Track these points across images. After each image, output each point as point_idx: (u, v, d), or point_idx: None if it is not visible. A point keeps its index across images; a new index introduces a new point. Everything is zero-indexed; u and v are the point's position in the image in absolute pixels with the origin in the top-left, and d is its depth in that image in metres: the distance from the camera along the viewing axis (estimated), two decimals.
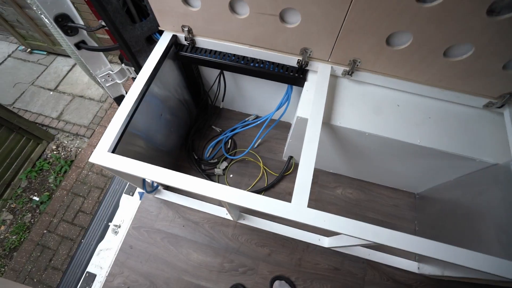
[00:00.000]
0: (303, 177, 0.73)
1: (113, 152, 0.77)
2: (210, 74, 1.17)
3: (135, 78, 1.19)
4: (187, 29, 0.92)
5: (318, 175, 1.25)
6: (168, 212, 1.18)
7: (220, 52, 0.98)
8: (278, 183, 1.23)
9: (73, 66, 2.37)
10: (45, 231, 1.70)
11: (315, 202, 1.20)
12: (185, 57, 1.00)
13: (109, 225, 1.19)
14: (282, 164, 1.25)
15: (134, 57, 1.03)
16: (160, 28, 0.98)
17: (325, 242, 1.10)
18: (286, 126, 1.35)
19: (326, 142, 0.98)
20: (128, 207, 1.21)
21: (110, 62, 1.95)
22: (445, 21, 0.65)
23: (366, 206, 1.20)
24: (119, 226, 1.19)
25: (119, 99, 1.28)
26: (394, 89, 0.91)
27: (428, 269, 1.03)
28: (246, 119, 1.36)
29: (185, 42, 0.99)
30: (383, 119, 0.87)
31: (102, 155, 0.75)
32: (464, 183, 0.94)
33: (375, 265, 1.10)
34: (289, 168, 1.24)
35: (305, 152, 0.75)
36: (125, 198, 1.22)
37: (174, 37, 0.97)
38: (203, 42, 0.96)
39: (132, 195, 1.23)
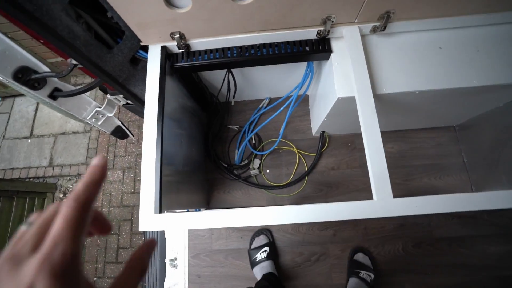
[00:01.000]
0: (377, 165, 0.66)
1: (160, 211, 0.67)
2: (214, 74, 1.02)
3: (125, 104, 1.04)
4: (178, 35, 0.75)
5: (353, 139, 1.18)
6: (220, 230, 1.12)
7: (223, 49, 0.82)
8: (318, 162, 1.17)
9: (38, 103, 2.09)
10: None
11: (360, 168, 1.16)
12: (182, 69, 0.85)
13: (165, 262, 1.15)
14: (314, 142, 1.18)
15: (123, 87, 0.87)
16: (143, 44, 0.80)
17: None
18: (304, 99, 1.24)
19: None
20: (176, 237, 1.14)
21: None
22: None
23: (410, 155, 1.16)
24: (175, 259, 1.14)
25: (116, 132, 1.13)
26: (430, 30, 0.79)
27: None
28: (260, 106, 1.23)
29: (178, 51, 0.83)
30: (430, 68, 0.77)
31: (150, 219, 0.66)
32: None
33: None
34: (324, 144, 1.17)
35: (368, 138, 0.67)
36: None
37: (164, 49, 0.80)
38: (199, 44, 0.80)
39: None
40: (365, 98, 0.70)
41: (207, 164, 1.20)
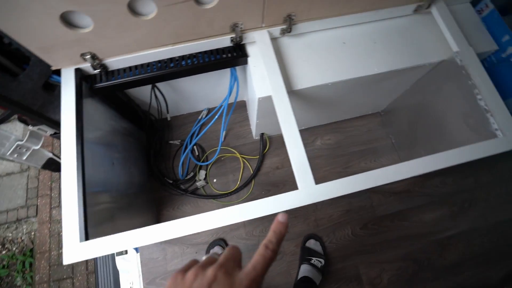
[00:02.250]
0: (297, 157, 0.70)
1: (86, 238, 0.63)
2: (142, 91, 1.00)
3: (53, 133, 0.98)
4: (89, 56, 0.74)
5: None
6: (174, 248, 1.09)
7: (142, 65, 0.82)
8: (262, 163, 1.20)
9: None
10: None
11: None
12: (103, 89, 0.82)
13: None
14: (256, 145, 1.21)
15: (41, 115, 0.82)
16: (54, 68, 0.77)
17: None
18: (242, 105, 1.27)
19: (293, 107, 0.95)
20: (129, 267, 1.08)
21: (8, 121, 1.57)
22: None
23: (346, 143, 1.25)
24: None
25: (48, 165, 1.05)
26: (333, 28, 0.88)
27: None
28: (199, 117, 1.24)
29: (94, 72, 0.80)
30: (337, 62, 0.85)
31: (75, 249, 0.62)
32: (421, 87, 1.01)
33: (376, 189, 1.19)
34: (265, 145, 1.20)
35: (285, 130, 0.71)
36: (120, 260, 1.09)
37: (79, 72, 0.78)
38: (116, 62, 0.79)
39: (127, 253, 1.09)
40: (279, 95, 0.74)
41: (152, 183, 1.16)
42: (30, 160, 0.97)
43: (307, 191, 0.67)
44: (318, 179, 0.67)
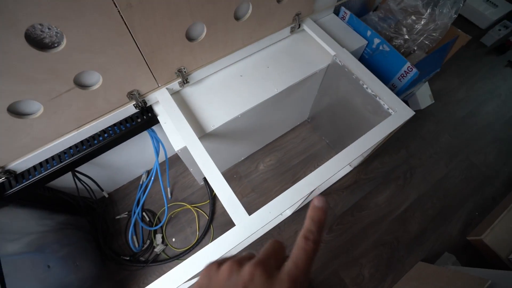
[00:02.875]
0: (224, 195, 0.71)
1: None
2: (65, 180, 0.97)
3: None
4: None
5: (236, 169, 1.26)
6: None
7: (53, 157, 0.81)
8: (215, 206, 1.19)
9: None
10: None
11: (254, 192, 1.23)
12: (16, 194, 0.78)
13: None
14: (204, 190, 1.21)
15: None
16: None
17: (287, 212, 1.16)
18: (178, 157, 1.28)
19: (217, 146, 0.99)
20: None
21: None
22: (212, 1, 0.69)
23: (287, 158, 1.30)
24: None
25: None
26: (226, 66, 0.96)
27: (355, 161, 1.23)
28: (140, 182, 1.22)
29: (0, 180, 0.77)
30: (240, 94, 0.92)
31: None
32: (324, 90, 1.12)
33: (328, 192, 1.24)
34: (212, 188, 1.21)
35: (207, 174, 0.73)
36: None
37: None
38: (23, 163, 0.77)
39: None
40: (193, 143, 0.77)
41: (109, 267, 1.08)
42: None
43: (244, 224, 0.69)
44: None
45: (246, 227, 0.68)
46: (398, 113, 0.85)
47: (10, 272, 0.67)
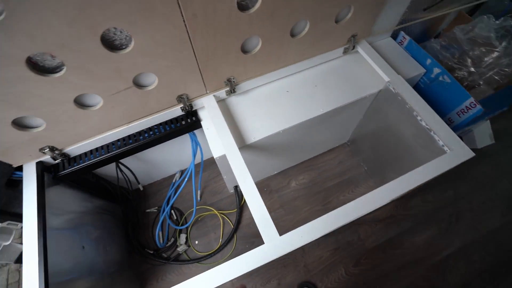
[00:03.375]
0: (257, 211, 0.70)
1: None
2: (109, 169, 1.03)
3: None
4: (48, 149, 0.78)
5: (267, 182, 1.25)
6: None
7: (103, 147, 0.87)
8: (241, 216, 1.18)
9: None
10: None
11: (282, 208, 1.20)
12: (67, 175, 0.85)
13: None
14: (233, 198, 1.21)
15: (5, 212, 0.83)
16: (15, 166, 0.80)
17: None
18: (213, 161, 1.30)
19: (255, 158, 0.98)
20: None
21: None
22: (272, 16, 0.69)
23: (321, 179, 1.26)
24: None
25: (21, 259, 1.03)
26: (275, 80, 0.95)
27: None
28: (173, 181, 1.26)
29: (56, 161, 0.84)
30: (284, 109, 0.91)
31: None
32: (371, 115, 1.06)
33: (360, 221, 1.17)
34: (241, 197, 1.20)
35: (242, 186, 0.73)
36: None
37: (40, 164, 0.81)
38: (77, 149, 0.83)
39: None
40: (232, 153, 0.78)
41: (133, 257, 1.12)
42: (1, 258, 0.95)
43: (273, 245, 0.67)
44: (300, 222, 0.66)
45: (275, 248, 0.66)
46: (455, 152, 0.77)
47: (52, 244, 0.72)
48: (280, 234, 0.67)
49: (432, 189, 1.22)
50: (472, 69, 0.98)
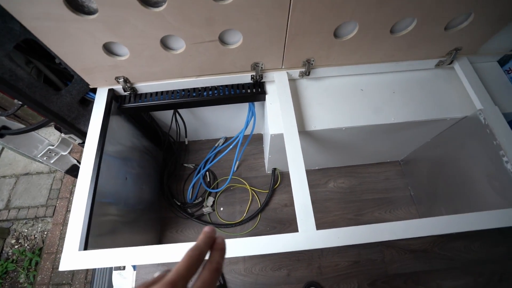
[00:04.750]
0: (301, 199, 0.68)
1: (85, 248, 0.65)
2: (165, 115, 1.08)
3: (81, 142, 1.06)
4: (122, 79, 0.82)
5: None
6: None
7: (168, 92, 0.89)
8: (271, 198, 1.18)
9: None
10: None
11: (313, 204, 1.17)
12: (130, 109, 0.90)
13: None
14: (268, 179, 1.20)
15: (72, 126, 0.90)
16: (91, 87, 0.86)
17: None
18: (259, 138, 1.30)
19: (305, 147, 0.95)
20: (124, 283, 1.07)
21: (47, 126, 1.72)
22: (380, 4, 0.63)
23: (360, 189, 1.20)
24: None
25: (71, 170, 1.13)
26: (352, 75, 0.90)
27: None
28: (216, 145, 1.28)
29: (125, 93, 0.89)
30: (353, 107, 0.85)
31: (72, 257, 0.64)
32: (442, 141, 0.97)
33: (390, 243, 1.11)
34: (276, 181, 1.19)
35: (293, 170, 0.71)
36: (117, 275, 1.09)
37: (111, 92, 0.86)
38: (145, 87, 0.87)
39: (124, 269, 1.09)
40: (291, 135, 0.75)
41: (160, 203, 1.19)
42: (56, 164, 1.05)
43: (307, 235, 0.65)
44: (327, 224, 0.64)
45: (308, 239, 0.64)
46: None
47: (104, 167, 0.78)
48: None
49: (482, 239, 1.10)
50: None
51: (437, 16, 0.69)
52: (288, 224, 1.14)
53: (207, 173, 1.22)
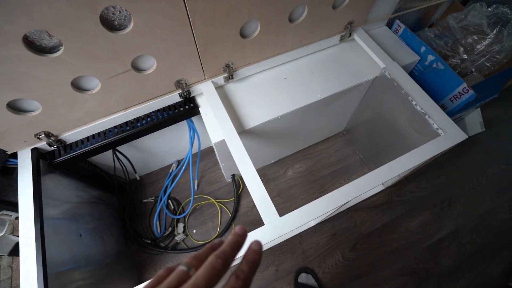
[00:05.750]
0: (257, 193, 0.71)
1: None
2: (105, 157, 1.02)
3: (17, 216, 0.95)
4: (43, 135, 0.76)
5: (264, 171, 1.26)
6: None
7: (99, 133, 0.85)
8: (239, 204, 1.19)
9: None
10: None
11: (279, 196, 1.21)
12: (63, 162, 0.84)
13: None
14: (230, 187, 1.22)
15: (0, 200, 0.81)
16: (10, 152, 0.79)
17: (311, 222, 1.13)
18: (210, 150, 1.30)
19: (251, 144, 0.99)
20: None
21: None
22: (270, 0, 0.70)
23: (317, 168, 1.27)
24: None
25: (15, 251, 1.01)
26: (272, 67, 0.96)
27: (389, 181, 1.17)
28: (170, 171, 1.25)
29: (52, 148, 0.83)
30: (282, 96, 0.91)
31: None
32: (367, 103, 1.08)
33: (356, 207, 1.19)
34: (238, 186, 1.21)
35: (242, 170, 0.73)
36: None
37: (35, 151, 0.80)
38: (73, 136, 0.82)
39: None
40: (231, 138, 0.78)
41: (130, 247, 1.12)
42: None
43: (273, 225, 0.67)
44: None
45: (275, 228, 0.67)
46: (449, 134, 0.79)
47: (49, 234, 0.71)
48: None
49: (426, 176, 1.25)
50: (465, 57, 1.00)
51: (322, 0, 0.78)
52: (263, 223, 1.16)
53: (169, 201, 1.19)
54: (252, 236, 0.66)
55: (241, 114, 0.88)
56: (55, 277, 0.68)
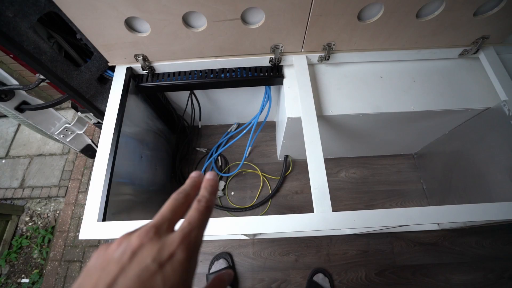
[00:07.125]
0: (318, 180, 0.68)
1: (103, 219, 0.67)
2: (180, 96, 1.08)
3: (96, 123, 1.07)
4: (141, 57, 0.82)
5: None
6: None
7: (185, 72, 0.89)
8: (282, 185, 1.18)
9: (19, 125, 2.12)
10: None
11: None
12: (147, 88, 0.90)
13: None
14: (279, 166, 1.21)
15: (90, 103, 0.91)
16: (110, 64, 0.86)
17: (347, 230, 1.08)
18: (271, 125, 1.30)
19: (321, 132, 0.94)
20: None
21: (61, 108, 1.76)
22: None
23: (372, 180, 1.19)
24: None
25: (85, 150, 1.15)
26: (373, 61, 0.88)
27: (448, 224, 1.05)
28: (228, 130, 1.28)
29: (143, 72, 0.89)
30: (372, 94, 0.84)
31: (91, 227, 0.65)
32: (460, 133, 0.95)
33: (399, 235, 1.10)
34: (288, 168, 1.19)
35: (310, 153, 0.71)
36: None
37: (130, 70, 0.86)
38: (163, 66, 0.87)
39: None
40: (309, 118, 0.75)
41: (172, 185, 1.20)
42: (72, 143, 1.07)
43: (323, 216, 0.65)
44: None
45: (323, 220, 0.64)
46: None
47: (121, 146, 0.79)
48: None
49: (494, 236, 1.09)
50: None
51: (467, 0, 0.67)
52: (298, 211, 1.14)
53: (219, 157, 1.23)
54: (298, 219, 0.64)
55: (324, 98, 0.84)
56: (115, 184, 0.75)
